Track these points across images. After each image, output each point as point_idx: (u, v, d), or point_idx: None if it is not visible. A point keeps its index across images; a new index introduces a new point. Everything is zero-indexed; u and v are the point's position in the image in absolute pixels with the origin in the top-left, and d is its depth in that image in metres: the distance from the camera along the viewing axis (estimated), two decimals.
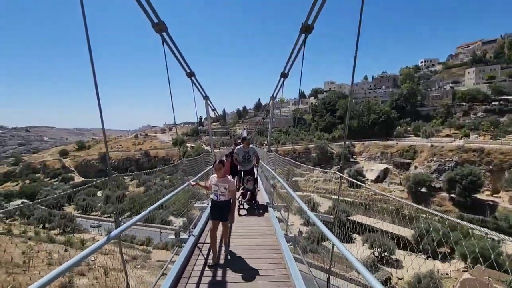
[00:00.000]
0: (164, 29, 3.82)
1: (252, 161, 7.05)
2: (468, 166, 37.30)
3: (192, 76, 6.33)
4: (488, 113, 56.01)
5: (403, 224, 28.78)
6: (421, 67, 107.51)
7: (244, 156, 6.88)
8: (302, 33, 4.12)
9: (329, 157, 62.56)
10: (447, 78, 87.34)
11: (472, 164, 38.93)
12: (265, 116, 20.33)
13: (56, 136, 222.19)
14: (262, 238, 4.87)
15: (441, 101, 67.81)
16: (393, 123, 65.04)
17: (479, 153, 41.34)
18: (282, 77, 6.60)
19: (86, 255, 1.81)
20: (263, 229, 5.28)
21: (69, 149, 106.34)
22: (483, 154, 40.85)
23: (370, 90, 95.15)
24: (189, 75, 6.24)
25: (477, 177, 35.47)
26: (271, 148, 9.12)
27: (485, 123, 52.39)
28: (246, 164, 6.98)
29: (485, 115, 55.85)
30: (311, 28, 3.97)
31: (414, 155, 49.44)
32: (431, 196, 39.82)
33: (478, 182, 35.43)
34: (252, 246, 4.51)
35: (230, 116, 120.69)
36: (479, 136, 50.17)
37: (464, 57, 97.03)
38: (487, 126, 51.41)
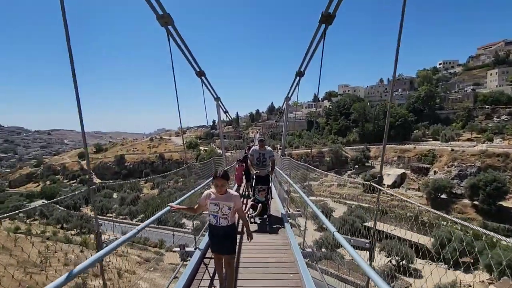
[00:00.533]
0: (170, 22, 3.51)
1: (267, 165, 6.22)
2: (492, 172, 35.42)
3: (202, 76, 5.82)
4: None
5: (422, 232, 27.67)
6: (439, 69, 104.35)
7: (259, 158, 6.20)
8: (322, 23, 3.65)
9: (343, 161, 61.35)
10: (468, 80, 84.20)
11: (496, 170, 36.95)
12: (278, 118, 19.97)
13: (75, 139, 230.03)
14: (275, 253, 4.30)
15: (461, 103, 65.25)
16: (410, 127, 63.04)
17: (504, 158, 39.25)
18: (297, 75, 5.99)
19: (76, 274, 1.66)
20: (277, 242, 4.76)
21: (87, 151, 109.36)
22: (508, 159, 38.75)
23: (386, 93, 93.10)
24: (199, 74, 5.74)
25: (503, 183, 33.62)
26: (285, 152, 8.63)
27: (509, 126, 49.86)
28: (260, 167, 6.20)
29: (509, 118, 53.19)
30: (333, 17, 3.52)
31: (433, 160, 47.55)
32: (452, 203, 38.07)
33: (504, 188, 33.55)
34: (264, 263, 3.94)
35: (243, 120, 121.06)
36: (503, 140, 47.76)
37: (486, 58, 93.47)
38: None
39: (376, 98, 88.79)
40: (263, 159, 6.19)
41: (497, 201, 33.93)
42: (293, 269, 3.72)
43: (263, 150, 6.22)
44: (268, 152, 6.26)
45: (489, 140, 49.30)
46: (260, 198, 5.82)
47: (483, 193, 33.84)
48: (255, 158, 6.23)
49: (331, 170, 60.89)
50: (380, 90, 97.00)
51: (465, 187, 37.32)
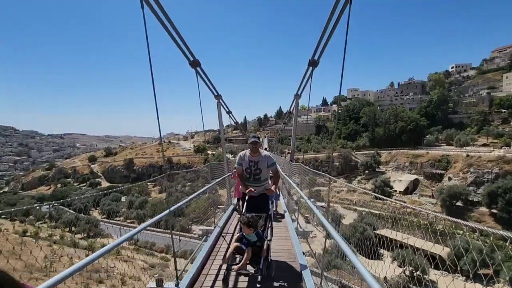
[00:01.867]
0: (198, 64, 4.61)
1: (264, 180, 4.08)
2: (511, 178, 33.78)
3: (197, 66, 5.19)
4: None
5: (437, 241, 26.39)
6: (452, 72, 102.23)
7: (250, 169, 4.03)
8: (309, 66, 4.71)
9: (353, 166, 60.06)
10: (482, 83, 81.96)
11: None
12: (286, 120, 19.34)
13: (87, 143, 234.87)
14: None
15: (476, 108, 63.29)
16: (422, 131, 61.41)
17: None
18: (310, 65, 4.95)
19: None
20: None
21: (98, 155, 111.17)
22: None
23: (396, 97, 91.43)
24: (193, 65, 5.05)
25: None
26: (294, 157, 7.90)
27: None
28: (253, 183, 4.04)
29: None
30: (317, 63, 4.58)
31: (447, 166, 45.91)
32: (468, 211, 36.47)
33: None
34: None
35: (251, 124, 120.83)
36: None
37: (501, 61, 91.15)
38: None
39: (386, 102, 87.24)
40: (255, 170, 4.01)
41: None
42: None
43: (257, 157, 4.01)
44: (265, 159, 4.01)
45: (507, 145, 47.35)
46: (249, 236, 3.41)
47: (502, 201, 32.21)
48: (244, 169, 4.08)
49: (341, 175, 59.66)
50: (390, 94, 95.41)
51: (483, 194, 35.69)
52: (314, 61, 4.68)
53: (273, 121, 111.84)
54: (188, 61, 4.49)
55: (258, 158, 4.01)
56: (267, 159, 4.03)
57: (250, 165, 4.01)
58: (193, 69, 4.80)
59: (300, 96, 8.06)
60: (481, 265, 6.05)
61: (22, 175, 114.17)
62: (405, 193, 45.87)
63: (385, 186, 47.24)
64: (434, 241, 9.67)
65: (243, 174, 4.09)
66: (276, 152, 33.02)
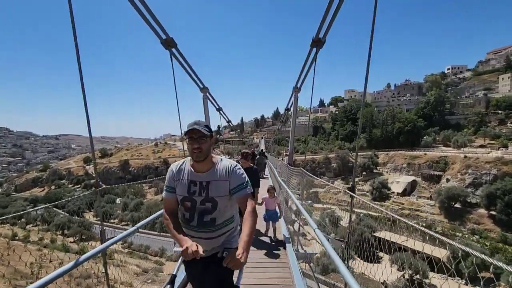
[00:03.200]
0: (173, 45, 3.91)
1: (223, 224, 1.84)
2: (510, 180, 33.46)
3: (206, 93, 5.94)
4: None
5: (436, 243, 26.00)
6: (448, 74, 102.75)
7: (191, 199, 1.83)
8: (313, 47, 3.94)
9: (350, 167, 59.64)
10: (478, 85, 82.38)
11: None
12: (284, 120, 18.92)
13: (82, 144, 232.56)
14: None
15: (472, 109, 63.33)
16: (420, 132, 61.26)
17: None
18: (314, 45, 4.80)
19: None
20: None
21: None
22: None
23: (393, 98, 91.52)
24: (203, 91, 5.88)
25: None
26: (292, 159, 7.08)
27: None
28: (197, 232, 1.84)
29: None
30: (323, 42, 3.78)
31: (445, 167, 45.62)
32: (466, 213, 36.13)
33: None
34: None
35: (248, 125, 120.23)
36: None
37: (496, 63, 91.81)
38: None
39: (383, 103, 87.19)
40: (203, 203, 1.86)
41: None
42: None
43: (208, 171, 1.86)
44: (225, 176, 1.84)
45: (504, 146, 47.22)
46: None
47: (501, 202, 31.87)
48: (180, 201, 1.89)
49: (338, 176, 59.29)
50: (387, 95, 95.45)
51: (481, 196, 35.35)
52: (319, 40, 3.91)
53: (270, 122, 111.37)
54: (160, 40, 3.76)
55: (211, 174, 1.83)
56: (230, 174, 1.82)
57: (192, 190, 1.81)
58: (167, 49, 3.94)
59: (299, 89, 7.14)
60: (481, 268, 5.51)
61: (16, 176, 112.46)
62: (403, 194, 45.50)
63: (383, 187, 46.86)
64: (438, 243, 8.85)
65: (176, 212, 1.90)
66: (273, 153, 32.42)
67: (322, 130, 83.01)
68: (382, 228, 33.27)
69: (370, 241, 25.49)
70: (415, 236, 30.11)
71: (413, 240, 25.56)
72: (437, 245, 26.08)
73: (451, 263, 21.14)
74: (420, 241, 12.75)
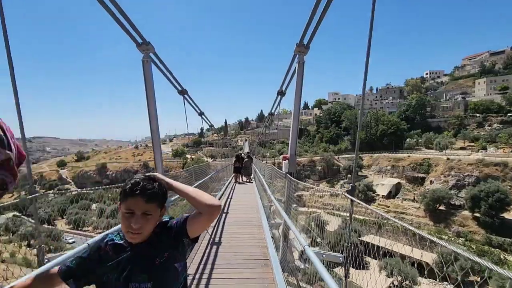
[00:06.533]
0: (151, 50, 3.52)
1: None
2: (493, 182, 33.72)
3: (184, 94, 5.53)
4: (504, 125, 52.87)
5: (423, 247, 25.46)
6: (426, 78, 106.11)
7: None
8: (297, 53, 3.73)
9: (335, 170, 59.32)
10: (455, 89, 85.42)
11: (495, 180, 35.38)
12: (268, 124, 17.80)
13: (58, 147, 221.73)
14: None
15: (452, 112, 65.00)
16: (403, 135, 62.03)
17: (502, 167, 37.85)
18: (279, 94, 5.75)
19: None
20: None
21: (68, 160, 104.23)
22: (507, 169, 37.34)
23: (376, 101, 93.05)
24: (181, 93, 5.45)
25: (505, 194, 31.79)
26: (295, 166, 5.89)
27: (502, 134, 49.14)
28: None
29: (501, 127, 52.66)
30: (307, 48, 3.58)
31: (429, 169, 45.92)
32: (451, 215, 36.14)
33: (506, 200, 31.71)
34: None
35: (232, 127, 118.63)
36: (497, 149, 46.83)
37: (471, 69, 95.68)
38: (505, 138, 48.10)
39: (366, 106, 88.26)
40: None
41: (500, 213, 32.09)
42: None
43: None
44: None
45: (483, 148, 48.34)
46: None
47: (485, 204, 31.94)
48: None
49: (323, 179, 58.73)
50: (370, 98, 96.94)
51: (465, 198, 35.46)
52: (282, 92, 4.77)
53: (255, 124, 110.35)
54: (177, 91, 4.54)
55: None
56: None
57: None
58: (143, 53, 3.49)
59: (273, 114, 7.85)
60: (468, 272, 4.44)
61: None
62: (388, 197, 45.34)
63: (368, 190, 46.54)
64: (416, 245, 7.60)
65: None
66: (257, 156, 31.04)
67: (307, 132, 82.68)
68: (368, 231, 32.68)
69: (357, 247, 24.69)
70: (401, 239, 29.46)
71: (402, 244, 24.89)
72: (424, 249, 25.60)
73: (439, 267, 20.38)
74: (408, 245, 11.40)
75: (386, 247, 24.28)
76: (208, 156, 78.09)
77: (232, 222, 6.26)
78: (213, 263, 3.93)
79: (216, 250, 4.45)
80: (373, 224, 33.07)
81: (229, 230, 5.60)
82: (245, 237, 5.18)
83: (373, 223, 33.07)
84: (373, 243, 24.20)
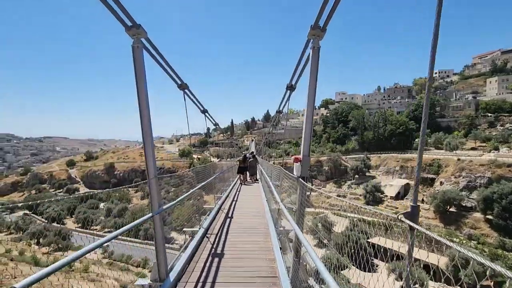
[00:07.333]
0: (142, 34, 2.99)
1: None
2: (507, 183, 32.71)
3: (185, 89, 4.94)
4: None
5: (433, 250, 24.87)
6: (435, 78, 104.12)
7: None
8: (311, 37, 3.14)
9: (343, 170, 58.67)
10: (465, 88, 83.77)
11: (508, 181, 34.34)
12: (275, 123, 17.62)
13: (68, 147, 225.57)
14: None
15: (462, 112, 63.65)
16: (412, 135, 60.98)
17: None
18: (288, 89, 5.34)
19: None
20: None
21: (77, 159, 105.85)
22: None
23: (384, 100, 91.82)
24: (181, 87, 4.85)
25: None
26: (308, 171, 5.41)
27: None
28: None
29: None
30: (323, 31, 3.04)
31: (439, 170, 44.95)
32: (462, 217, 35.26)
33: None
34: None
35: (238, 127, 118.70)
36: (510, 149, 45.58)
37: (482, 67, 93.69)
38: None
39: (374, 106, 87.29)
40: None
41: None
42: None
43: None
44: None
45: (495, 149, 47.13)
46: None
47: (499, 206, 31.00)
48: None
49: (330, 180, 58.20)
50: (378, 98, 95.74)
51: (477, 199, 34.53)
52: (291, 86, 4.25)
53: (261, 124, 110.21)
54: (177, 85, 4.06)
55: None
56: None
57: None
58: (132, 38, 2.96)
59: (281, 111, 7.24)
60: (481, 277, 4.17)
61: None
62: (396, 198, 44.61)
63: (376, 191, 45.87)
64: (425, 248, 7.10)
65: None
66: (263, 156, 30.85)
67: (313, 132, 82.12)
68: (376, 233, 32.11)
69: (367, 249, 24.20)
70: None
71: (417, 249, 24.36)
72: (435, 252, 25.00)
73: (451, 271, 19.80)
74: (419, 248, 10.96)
75: (394, 249, 23.85)
76: (215, 156, 78.18)
77: (236, 229, 5.94)
78: (213, 281, 3.58)
79: (218, 263, 4.10)
80: (379, 225, 32.53)
81: (233, 239, 5.27)
82: (251, 247, 4.80)
83: (380, 225, 32.52)
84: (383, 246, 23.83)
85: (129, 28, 2.86)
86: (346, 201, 3.32)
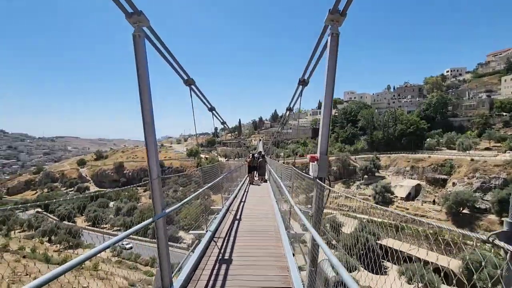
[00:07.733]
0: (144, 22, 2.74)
1: None
2: None
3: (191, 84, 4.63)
4: None
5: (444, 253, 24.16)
6: (447, 76, 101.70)
7: None
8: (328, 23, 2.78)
9: (351, 170, 57.86)
10: (479, 87, 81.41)
11: None
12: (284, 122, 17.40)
13: (79, 146, 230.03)
14: None
15: (476, 111, 61.91)
16: (422, 135, 59.64)
17: None
18: (300, 84, 4.97)
19: None
20: None
21: (88, 158, 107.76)
22: None
23: (393, 99, 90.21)
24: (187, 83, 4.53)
25: None
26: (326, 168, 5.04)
27: None
28: None
29: None
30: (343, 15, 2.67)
31: (451, 170, 43.80)
32: (476, 219, 34.27)
33: None
34: None
35: (246, 127, 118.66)
36: None
37: (496, 65, 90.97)
38: None
39: (383, 105, 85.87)
40: None
41: None
42: None
43: None
44: None
45: (511, 149, 45.63)
46: None
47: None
48: None
49: (339, 180, 57.47)
50: (387, 97, 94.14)
51: (492, 201, 33.49)
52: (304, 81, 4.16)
53: (268, 124, 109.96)
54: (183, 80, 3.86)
55: None
56: None
57: None
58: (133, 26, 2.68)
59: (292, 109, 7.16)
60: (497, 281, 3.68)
61: (8, 179, 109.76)
62: (407, 199, 43.69)
63: (386, 191, 45.03)
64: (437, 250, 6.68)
65: None
66: (271, 156, 30.63)
67: None
68: (386, 235, 31.47)
69: (375, 250, 23.67)
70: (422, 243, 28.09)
71: (426, 250, 23.68)
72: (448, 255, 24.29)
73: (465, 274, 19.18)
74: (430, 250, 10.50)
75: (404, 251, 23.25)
76: (222, 156, 78.38)
77: (245, 232, 5.66)
78: None
79: (226, 271, 3.83)
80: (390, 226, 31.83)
81: (242, 243, 5.01)
82: (261, 253, 4.51)
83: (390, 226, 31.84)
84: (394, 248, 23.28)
85: (130, 15, 2.63)
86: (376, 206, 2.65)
